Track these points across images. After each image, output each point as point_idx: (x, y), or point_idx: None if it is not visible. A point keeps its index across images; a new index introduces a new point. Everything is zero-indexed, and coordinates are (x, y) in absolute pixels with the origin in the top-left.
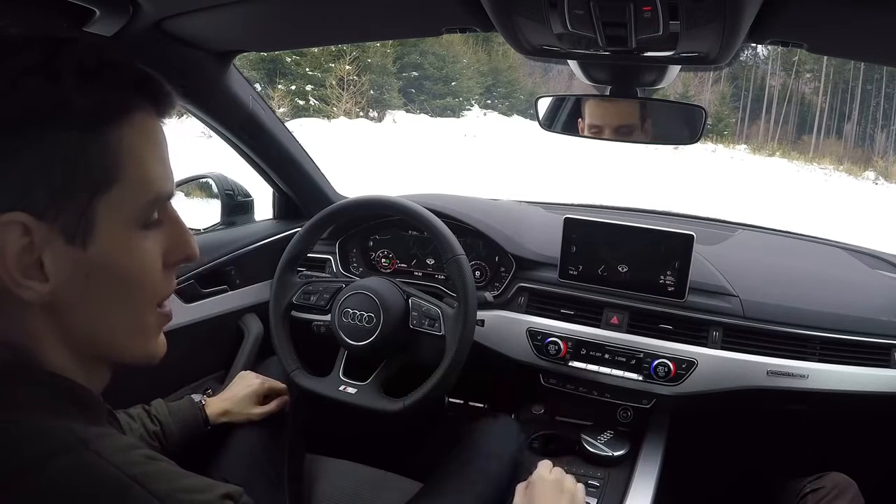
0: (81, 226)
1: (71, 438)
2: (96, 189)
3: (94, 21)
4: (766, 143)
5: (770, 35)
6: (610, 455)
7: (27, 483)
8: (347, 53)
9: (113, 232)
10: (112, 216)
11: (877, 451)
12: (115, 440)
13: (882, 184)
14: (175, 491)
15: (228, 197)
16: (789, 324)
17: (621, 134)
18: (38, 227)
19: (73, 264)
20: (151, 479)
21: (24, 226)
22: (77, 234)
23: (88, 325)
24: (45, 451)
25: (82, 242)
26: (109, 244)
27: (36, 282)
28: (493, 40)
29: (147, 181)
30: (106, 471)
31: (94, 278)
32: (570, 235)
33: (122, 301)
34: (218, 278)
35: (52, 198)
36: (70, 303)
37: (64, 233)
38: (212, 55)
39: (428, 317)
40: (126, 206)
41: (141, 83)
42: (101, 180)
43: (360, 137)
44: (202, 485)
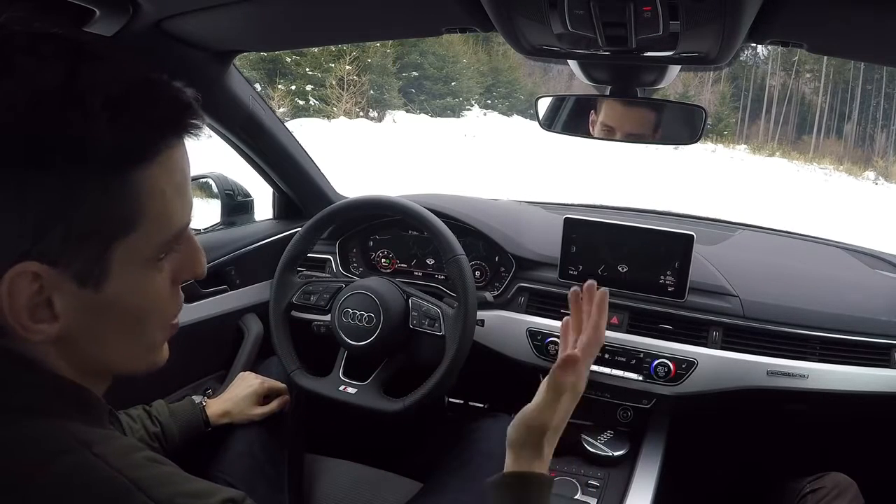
0: (95, 271)
1: (72, 441)
2: (115, 235)
3: (94, 21)
4: (766, 143)
5: (770, 35)
6: (610, 455)
7: (29, 485)
8: (347, 53)
9: (128, 274)
10: (129, 259)
11: (877, 451)
12: (116, 442)
13: (882, 184)
14: (176, 496)
15: (228, 197)
16: (789, 324)
17: (631, 138)
18: (50, 273)
19: (84, 305)
20: (153, 484)
21: (34, 274)
22: (90, 279)
23: (97, 353)
24: (47, 453)
25: (95, 285)
26: (123, 285)
27: (45, 324)
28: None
29: (169, 219)
30: (107, 475)
31: (104, 315)
32: (570, 235)
33: (132, 332)
34: (218, 278)
35: (67, 244)
36: (78, 336)
37: (76, 278)
38: (212, 55)
39: (428, 317)
40: (144, 248)
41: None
42: (120, 226)
43: (360, 137)
44: (204, 490)
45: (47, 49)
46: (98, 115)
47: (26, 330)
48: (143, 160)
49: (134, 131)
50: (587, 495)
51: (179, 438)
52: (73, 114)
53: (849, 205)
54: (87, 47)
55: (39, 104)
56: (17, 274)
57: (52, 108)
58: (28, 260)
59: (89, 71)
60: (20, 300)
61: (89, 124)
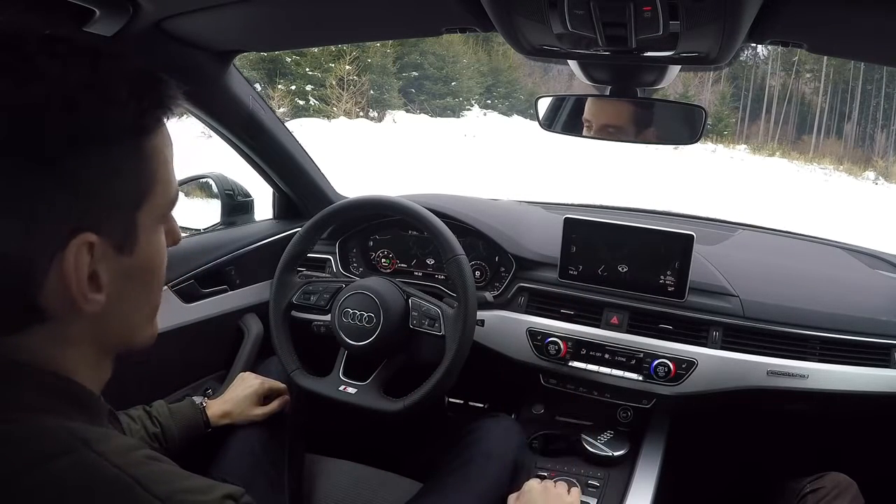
0: (129, 235)
1: (72, 439)
2: (140, 198)
3: (94, 21)
4: (766, 143)
5: (770, 35)
6: (610, 455)
7: (29, 483)
8: (347, 53)
9: (149, 235)
10: (148, 221)
11: (877, 451)
12: (116, 441)
13: (882, 184)
14: (176, 492)
15: (228, 197)
16: (789, 324)
17: (621, 134)
18: (99, 243)
19: (121, 271)
20: (153, 481)
21: (90, 244)
22: (125, 244)
23: (121, 322)
24: (47, 451)
25: (130, 250)
26: (147, 246)
27: (97, 294)
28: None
29: (171, 182)
30: (107, 471)
31: (133, 279)
32: (570, 235)
33: (149, 292)
34: (218, 278)
35: (108, 213)
36: (112, 306)
37: (114, 245)
38: (212, 55)
39: (428, 317)
40: (158, 209)
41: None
42: (144, 190)
43: (360, 137)
44: (203, 486)
45: (63, 49)
46: (123, 100)
47: (86, 300)
48: (153, 132)
49: (147, 109)
50: (587, 495)
51: (179, 439)
52: (102, 102)
53: (849, 205)
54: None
55: (73, 100)
56: (79, 245)
57: (84, 101)
58: (85, 231)
59: (106, 64)
60: (83, 271)
61: (117, 109)
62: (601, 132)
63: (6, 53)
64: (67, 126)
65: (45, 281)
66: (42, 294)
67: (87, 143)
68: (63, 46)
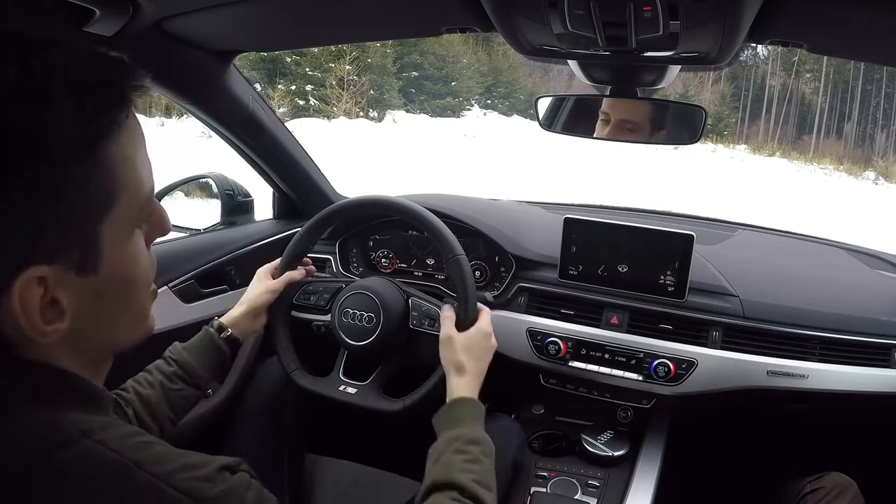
0: (90, 254)
1: (72, 430)
2: (101, 212)
3: (94, 21)
4: (766, 143)
5: (770, 35)
6: (610, 455)
7: (31, 477)
8: (347, 53)
9: (117, 247)
10: (115, 233)
11: (877, 451)
12: (116, 430)
13: (882, 184)
14: (174, 471)
15: (228, 197)
16: (789, 324)
17: (630, 137)
18: (51, 272)
19: (86, 291)
20: (151, 462)
21: (40, 278)
22: (86, 264)
23: (100, 335)
24: (50, 443)
25: (93, 269)
26: (115, 260)
27: (56, 323)
28: (493, 40)
29: (140, 184)
30: (109, 457)
31: (104, 294)
32: (570, 235)
33: (128, 302)
34: (218, 278)
35: (61, 236)
36: (84, 325)
37: (74, 267)
38: (212, 55)
39: (428, 317)
40: (126, 216)
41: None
42: (104, 202)
43: (360, 137)
44: (199, 461)
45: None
46: (63, 106)
47: (41, 334)
48: (110, 134)
49: (99, 111)
50: (587, 495)
51: (200, 367)
52: (36, 112)
53: (849, 205)
54: (28, 40)
55: (9, 106)
56: (25, 282)
57: (14, 113)
58: (32, 266)
59: (39, 64)
60: (32, 308)
61: (56, 118)
62: (616, 128)
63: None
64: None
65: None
66: (6, 327)
67: (23, 164)
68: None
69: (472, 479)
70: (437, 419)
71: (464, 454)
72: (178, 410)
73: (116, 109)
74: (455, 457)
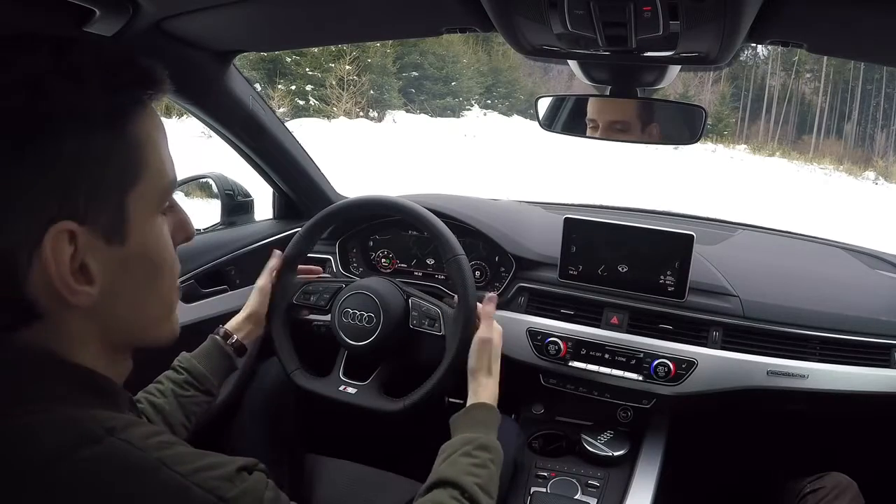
0: (117, 223)
1: (97, 428)
2: (127, 184)
3: (94, 21)
4: (766, 143)
5: (770, 35)
6: (610, 455)
7: (59, 472)
8: (347, 53)
9: (143, 223)
10: (141, 208)
11: (877, 451)
12: (138, 428)
13: (882, 184)
14: (196, 470)
15: (228, 197)
16: (789, 324)
17: (628, 132)
18: (81, 232)
19: (114, 262)
20: (175, 461)
21: (70, 233)
22: (115, 232)
23: (127, 317)
24: (74, 440)
25: (120, 239)
26: (142, 235)
27: (86, 286)
28: (493, 40)
29: (163, 169)
30: (134, 456)
31: (131, 270)
32: (570, 235)
33: (154, 286)
34: (218, 278)
35: (90, 200)
36: (111, 300)
37: (103, 233)
38: (212, 55)
39: (428, 317)
40: (150, 195)
41: (149, 74)
42: (129, 175)
43: (360, 137)
44: (219, 461)
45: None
46: (94, 82)
47: (72, 292)
48: (136, 113)
49: (124, 90)
50: (587, 495)
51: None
52: (71, 85)
53: (849, 205)
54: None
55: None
56: (56, 234)
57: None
58: (61, 220)
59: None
60: (63, 261)
61: (88, 92)
62: (608, 130)
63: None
64: (36, 112)
65: (28, 274)
66: (28, 289)
67: (59, 129)
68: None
69: (476, 482)
70: (454, 420)
71: (472, 458)
72: (192, 416)
73: (138, 89)
74: (464, 459)
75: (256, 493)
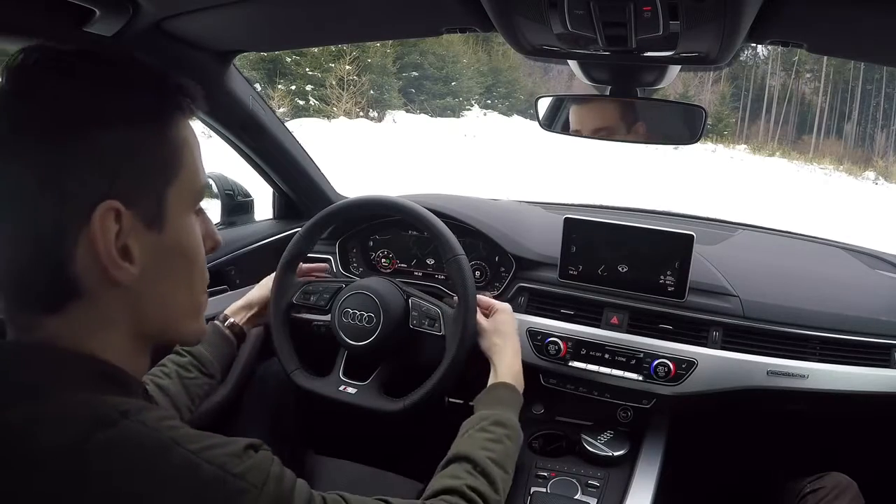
0: (157, 211)
1: (112, 412)
2: (167, 177)
3: (94, 21)
4: (766, 143)
5: (770, 35)
6: (610, 455)
7: (77, 454)
8: (347, 53)
9: (179, 216)
10: (178, 202)
11: (877, 451)
12: (150, 412)
13: (882, 184)
14: (206, 448)
15: (228, 197)
16: (789, 324)
17: (615, 133)
18: (126, 214)
19: (152, 247)
20: (186, 440)
21: (116, 212)
22: (154, 220)
23: (159, 307)
24: (92, 423)
25: (159, 227)
26: (178, 227)
27: (128, 264)
28: (493, 40)
29: (197, 172)
30: (148, 434)
31: (166, 260)
32: (570, 235)
33: (186, 280)
34: (218, 278)
35: (135, 185)
36: (147, 285)
37: (144, 219)
38: (212, 55)
39: (428, 317)
40: (186, 192)
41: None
42: (170, 169)
43: (360, 137)
44: (227, 440)
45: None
46: (143, 87)
47: (116, 266)
48: (175, 117)
49: (166, 97)
50: (587, 495)
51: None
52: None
53: (849, 205)
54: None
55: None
56: (104, 210)
57: (107, 83)
58: (109, 199)
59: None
60: (109, 237)
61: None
62: (596, 135)
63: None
64: (92, 107)
65: (75, 251)
66: (74, 265)
67: (111, 121)
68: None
69: (489, 456)
70: (476, 400)
71: (488, 433)
72: (195, 399)
73: (180, 99)
74: (479, 434)
75: (263, 468)
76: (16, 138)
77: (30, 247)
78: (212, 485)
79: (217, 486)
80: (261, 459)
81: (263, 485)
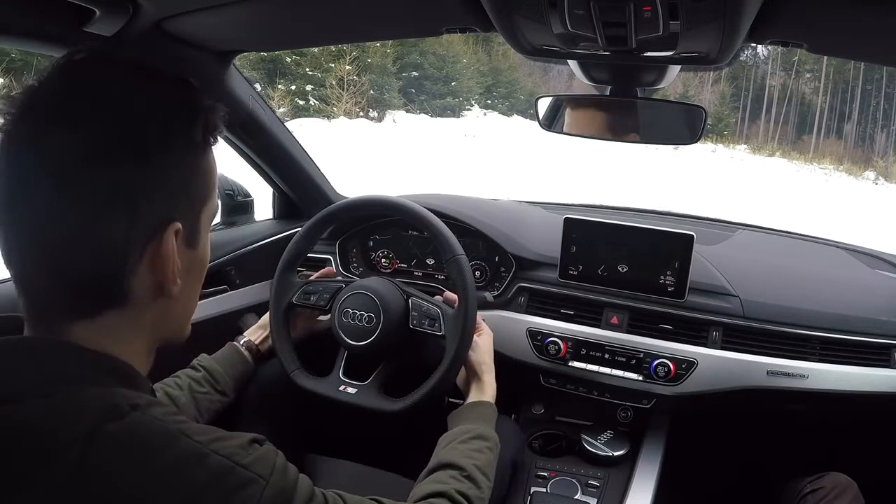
0: (195, 230)
1: (123, 404)
2: (203, 199)
3: (94, 21)
4: (766, 143)
5: (770, 35)
6: (610, 455)
7: (87, 446)
8: (347, 53)
9: (204, 234)
10: (206, 222)
11: (877, 451)
12: (159, 407)
13: (882, 184)
14: (213, 440)
15: (228, 197)
16: (789, 324)
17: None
18: (180, 233)
19: (188, 263)
20: (193, 432)
21: (177, 231)
22: (192, 238)
23: (179, 314)
24: (103, 415)
25: (194, 244)
26: (203, 245)
27: (179, 280)
28: (493, 40)
29: (215, 196)
30: (157, 426)
31: (193, 273)
32: (570, 235)
33: (197, 289)
34: (218, 278)
35: (186, 208)
36: (180, 296)
37: (186, 237)
38: (212, 55)
39: (428, 317)
40: (211, 214)
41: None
42: (206, 193)
43: (360, 137)
44: (232, 434)
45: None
46: (198, 118)
47: (174, 282)
48: (209, 148)
49: (209, 128)
50: (587, 495)
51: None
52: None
53: (849, 205)
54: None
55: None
56: (174, 231)
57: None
58: (174, 221)
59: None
60: (176, 256)
61: (194, 124)
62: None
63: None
64: (164, 133)
65: (138, 267)
66: (134, 279)
67: (176, 148)
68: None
69: (474, 464)
70: (451, 416)
71: (471, 444)
72: (203, 412)
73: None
74: (461, 445)
75: (268, 459)
76: (97, 152)
77: (94, 256)
78: (220, 474)
79: (225, 475)
80: (265, 452)
81: (270, 475)
